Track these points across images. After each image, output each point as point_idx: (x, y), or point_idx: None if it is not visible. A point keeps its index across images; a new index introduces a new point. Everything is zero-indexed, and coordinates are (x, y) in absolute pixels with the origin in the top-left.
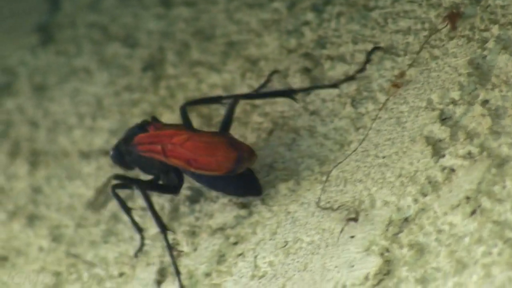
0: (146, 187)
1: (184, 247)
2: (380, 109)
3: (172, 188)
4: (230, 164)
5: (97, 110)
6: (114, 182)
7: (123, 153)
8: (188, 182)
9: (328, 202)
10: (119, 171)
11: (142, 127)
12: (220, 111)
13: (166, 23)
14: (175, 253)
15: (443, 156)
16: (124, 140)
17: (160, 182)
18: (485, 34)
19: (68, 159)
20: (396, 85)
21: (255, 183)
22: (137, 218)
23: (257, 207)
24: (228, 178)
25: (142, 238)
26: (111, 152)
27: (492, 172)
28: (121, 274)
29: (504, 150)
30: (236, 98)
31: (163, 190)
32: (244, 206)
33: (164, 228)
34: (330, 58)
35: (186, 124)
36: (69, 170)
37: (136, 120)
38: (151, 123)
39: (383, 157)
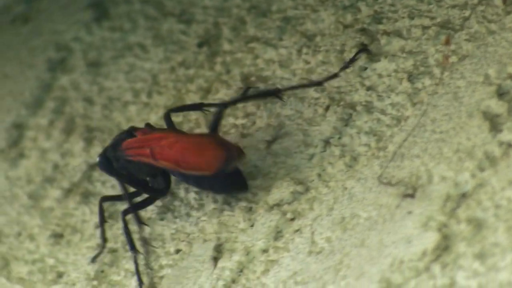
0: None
1: (241, 223)
2: (437, 84)
3: (159, 191)
4: (220, 163)
5: (152, 86)
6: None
7: (110, 159)
8: None
9: (386, 177)
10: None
11: (129, 133)
12: None
13: None
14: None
15: (501, 131)
16: (112, 146)
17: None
18: None
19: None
20: (446, 57)
21: (241, 179)
22: (192, 195)
23: (314, 183)
24: (215, 177)
25: (103, 247)
26: (98, 159)
27: None
28: (177, 251)
29: None
30: (222, 106)
31: (151, 196)
32: (300, 182)
33: (134, 249)
34: (386, 33)
35: (173, 128)
36: None
37: (192, 96)
38: (138, 129)
39: (440, 132)
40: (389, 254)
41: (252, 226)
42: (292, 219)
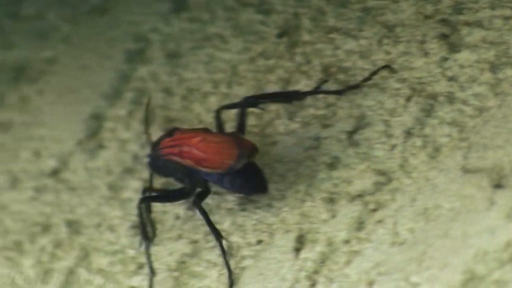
0: (198, 202)
1: (323, 214)
2: None
3: (202, 193)
4: (231, 161)
5: (232, 77)
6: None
7: (154, 158)
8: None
9: (469, 168)
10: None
11: (170, 133)
12: None
13: None
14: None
15: None
16: (153, 145)
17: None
18: None
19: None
20: None
21: (261, 181)
22: (274, 186)
23: (396, 174)
24: (235, 176)
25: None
26: (148, 159)
27: None
28: (259, 242)
29: None
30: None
31: (202, 196)
32: (382, 173)
33: (219, 236)
34: (467, 24)
35: (219, 127)
36: None
37: (273, 86)
38: (179, 129)
39: None
40: (473, 245)
41: (334, 216)
42: (374, 210)
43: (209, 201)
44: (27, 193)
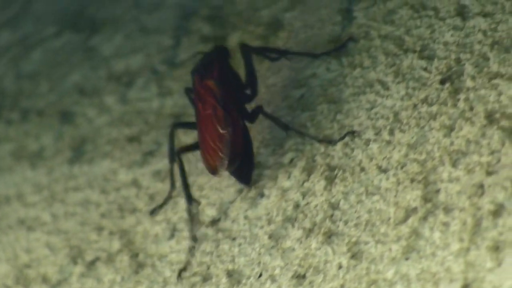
0: None
1: (488, 262)
2: None
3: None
4: (215, 165)
5: (394, 123)
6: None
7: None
8: None
9: None
10: None
11: (206, 66)
12: None
13: (462, 34)
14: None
15: None
16: (192, 72)
17: None
18: None
19: (366, 174)
20: None
21: (247, 175)
22: (438, 234)
23: None
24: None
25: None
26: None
27: None
28: None
29: None
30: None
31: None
32: None
33: (190, 200)
34: None
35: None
36: (366, 185)
37: (435, 133)
38: (212, 65)
39: None
40: None
41: (499, 265)
42: None
43: (372, 250)
44: (185, 243)
